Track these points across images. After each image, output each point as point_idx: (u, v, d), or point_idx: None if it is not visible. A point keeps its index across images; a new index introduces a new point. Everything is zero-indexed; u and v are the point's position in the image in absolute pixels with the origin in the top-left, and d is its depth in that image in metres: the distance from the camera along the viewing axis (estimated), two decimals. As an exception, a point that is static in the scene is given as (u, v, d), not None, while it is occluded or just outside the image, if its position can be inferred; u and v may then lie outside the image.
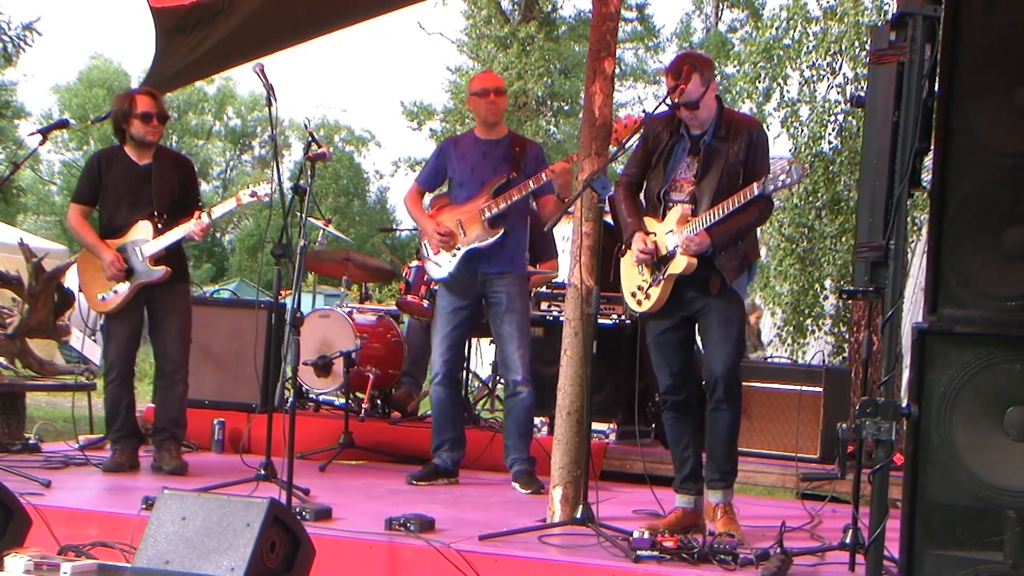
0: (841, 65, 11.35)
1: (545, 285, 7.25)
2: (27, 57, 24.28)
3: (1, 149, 27.62)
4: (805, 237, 11.46)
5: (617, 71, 15.00)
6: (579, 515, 4.24)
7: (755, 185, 4.26)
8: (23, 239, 8.69)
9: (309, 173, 4.83)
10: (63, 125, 7.16)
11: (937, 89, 3.43)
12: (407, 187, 6.37)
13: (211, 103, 43.07)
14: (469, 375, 7.17)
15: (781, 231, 11.56)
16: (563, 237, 7.12)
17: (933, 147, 3.44)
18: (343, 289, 8.29)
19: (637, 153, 4.65)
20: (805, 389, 6.13)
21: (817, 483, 5.64)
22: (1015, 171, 3.30)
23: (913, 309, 9.58)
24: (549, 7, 31.17)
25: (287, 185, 4.85)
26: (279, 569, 3.39)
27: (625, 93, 34.06)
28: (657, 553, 3.88)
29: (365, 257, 7.92)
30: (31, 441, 6.16)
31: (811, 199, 11.31)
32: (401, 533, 4.14)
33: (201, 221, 5.52)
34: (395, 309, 7.70)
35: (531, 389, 5.60)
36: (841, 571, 3.97)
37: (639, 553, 3.87)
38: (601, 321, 5.70)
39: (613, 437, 6.51)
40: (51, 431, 7.22)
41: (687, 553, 3.87)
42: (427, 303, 6.82)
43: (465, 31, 30.99)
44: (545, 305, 7.03)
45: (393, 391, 7.31)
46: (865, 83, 9.20)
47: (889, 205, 3.66)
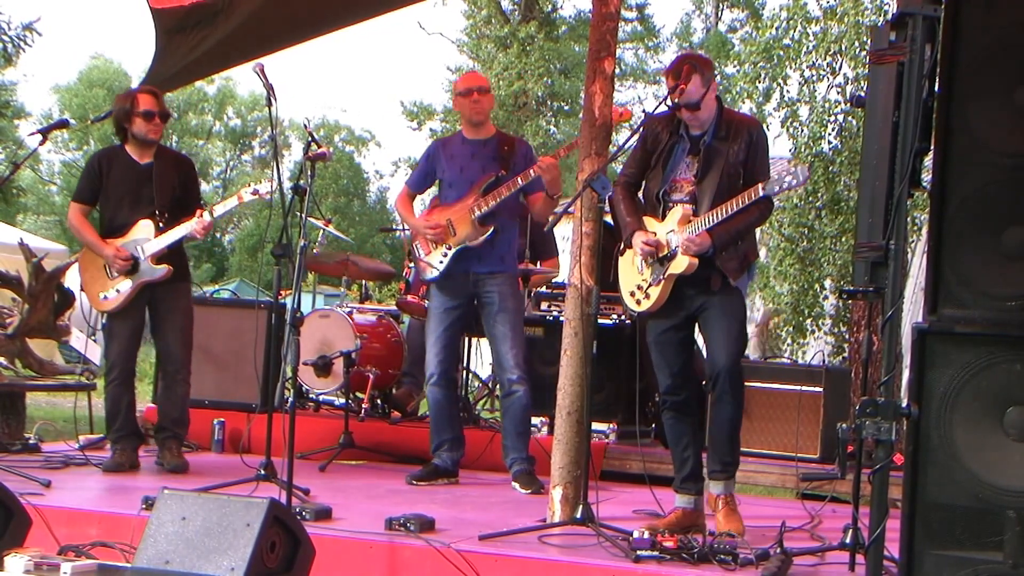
0: (841, 65, 11.34)
1: (545, 285, 7.26)
2: (27, 57, 24.32)
3: (1, 149, 27.61)
4: (805, 237, 11.46)
5: (617, 71, 15.00)
6: (579, 515, 4.24)
7: (759, 187, 4.26)
8: (23, 239, 8.68)
9: (309, 173, 4.83)
10: (63, 125, 7.16)
11: (937, 89, 3.43)
12: (397, 190, 6.38)
13: (211, 103, 43.07)
14: (469, 375, 7.17)
15: (781, 231, 11.56)
16: (563, 237, 7.12)
17: (933, 147, 3.43)
18: (343, 289, 8.29)
19: (636, 153, 4.65)
20: (805, 389, 6.12)
21: (817, 483, 5.63)
22: (1015, 171, 3.30)
23: (913, 309, 9.57)
24: (549, 7, 31.16)
25: (287, 185, 4.86)
26: (279, 569, 3.39)
27: (625, 93, 34.09)
28: (657, 553, 3.88)
29: (365, 259, 7.92)
30: (31, 441, 6.16)
31: (811, 199, 11.31)
32: (401, 533, 4.14)
33: (203, 219, 5.53)
34: (395, 309, 7.70)
35: (527, 388, 5.60)
36: (841, 571, 3.97)
37: (639, 553, 3.87)
38: (601, 321, 5.69)
39: (613, 437, 6.51)
40: (51, 431, 7.22)
41: (687, 553, 3.87)
42: (427, 303, 6.82)
43: (465, 31, 31.01)
44: (545, 305, 7.03)
45: (393, 391, 7.31)
46: (865, 83, 9.20)
47: (889, 205, 3.66)
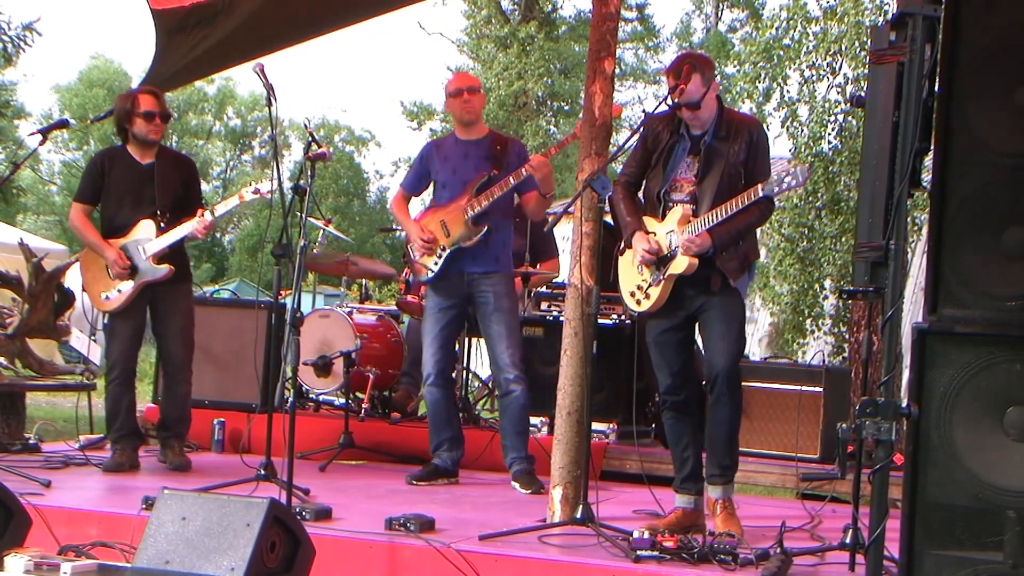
0: (841, 65, 11.36)
1: (545, 285, 7.26)
2: (27, 57, 24.32)
3: (1, 149, 27.61)
4: (805, 237, 11.47)
5: (617, 71, 15.00)
6: (579, 515, 4.23)
7: (760, 187, 4.25)
8: (23, 239, 8.68)
9: (309, 173, 4.83)
10: (63, 125, 7.16)
11: (937, 89, 3.43)
12: (393, 192, 6.39)
13: (211, 103, 43.06)
14: (469, 375, 7.17)
15: (781, 231, 11.56)
16: (563, 237, 7.12)
17: (933, 147, 3.43)
18: (343, 289, 8.29)
19: (636, 153, 4.65)
20: (805, 389, 6.12)
21: (817, 483, 5.63)
22: (1015, 171, 3.30)
23: (913, 309, 9.58)
24: (549, 7, 31.19)
25: (287, 185, 4.86)
26: (279, 569, 3.39)
27: (625, 93, 34.13)
28: (657, 553, 3.88)
29: (365, 259, 7.93)
30: (31, 441, 6.16)
31: (811, 199, 11.32)
32: (401, 533, 4.14)
33: (204, 219, 5.54)
34: (395, 309, 7.71)
35: (524, 387, 5.59)
36: (841, 571, 3.97)
37: (639, 553, 3.87)
38: (601, 321, 5.70)
39: (613, 437, 6.51)
40: (51, 431, 7.22)
41: (687, 553, 3.86)
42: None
43: (465, 31, 31.04)
44: (545, 305, 7.03)
45: (393, 391, 7.32)
46: (865, 83, 9.21)
47: (889, 205, 3.66)
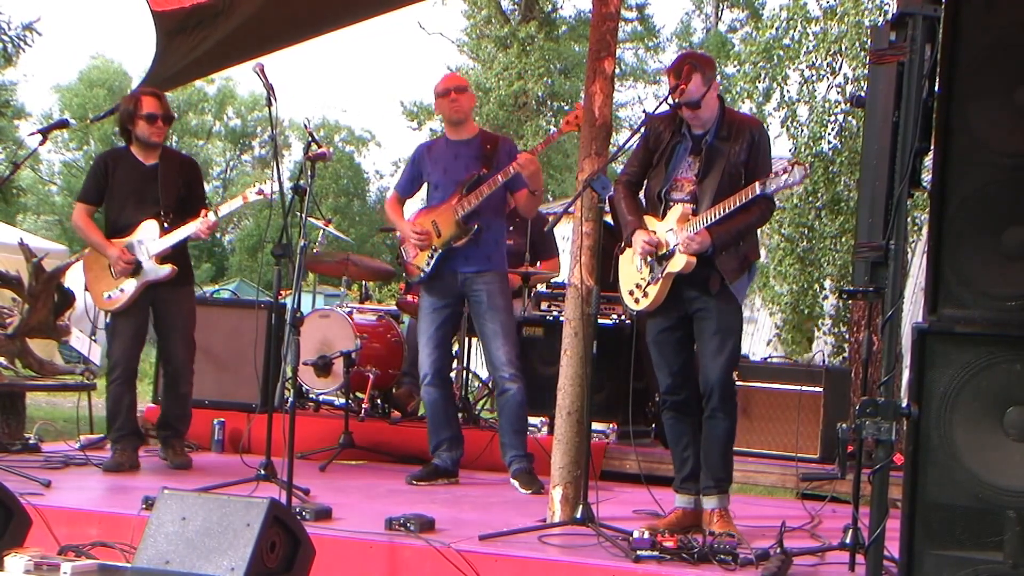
0: (841, 65, 11.36)
1: (545, 285, 7.25)
2: (27, 57, 24.30)
3: (1, 149, 27.61)
4: (805, 237, 11.47)
5: (617, 71, 15.01)
6: (579, 515, 4.24)
7: (756, 185, 4.26)
8: (23, 239, 8.68)
9: (309, 173, 4.83)
10: (63, 125, 7.17)
11: (937, 89, 3.43)
12: (387, 195, 6.41)
13: (211, 103, 43.05)
14: (469, 375, 7.17)
15: (781, 231, 11.57)
16: (563, 237, 7.12)
17: (933, 147, 3.43)
18: (343, 289, 8.29)
19: (638, 152, 4.65)
20: (805, 389, 6.12)
21: (817, 483, 5.63)
22: (1015, 171, 3.30)
23: (913, 309, 9.59)
24: (549, 7, 31.19)
25: (287, 185, 4.87)
26: (279, 569, 3.39)
27: (625, 93, 34.13)
28: (657, 553, 3.88)
29: (365, 259, 7.92)
30: (31, 441, 6.16)
31: (811, 199, 11.32)
32: (401, 533, 4.14)
33: (207, 219, 5.56)
34: (395, 309, 7.71)
35: (521, 385, 5.59)
36: (841, 571, 3.97)
37: (639, 553, 3.87)
38: (601, 321, 5.70)
39: (613, 437, 6.51)
40: (51, 431, 7.22)
41: (687, 553, 3.86)
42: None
43: (465, 31, 31.05)
44: (545, 305, 7.03)
45: (393, 391, 7.31)
46: (865, 83, 9.21)
47: (889, 205, 3.66)
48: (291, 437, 4.31)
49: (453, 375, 6.69)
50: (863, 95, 4.16)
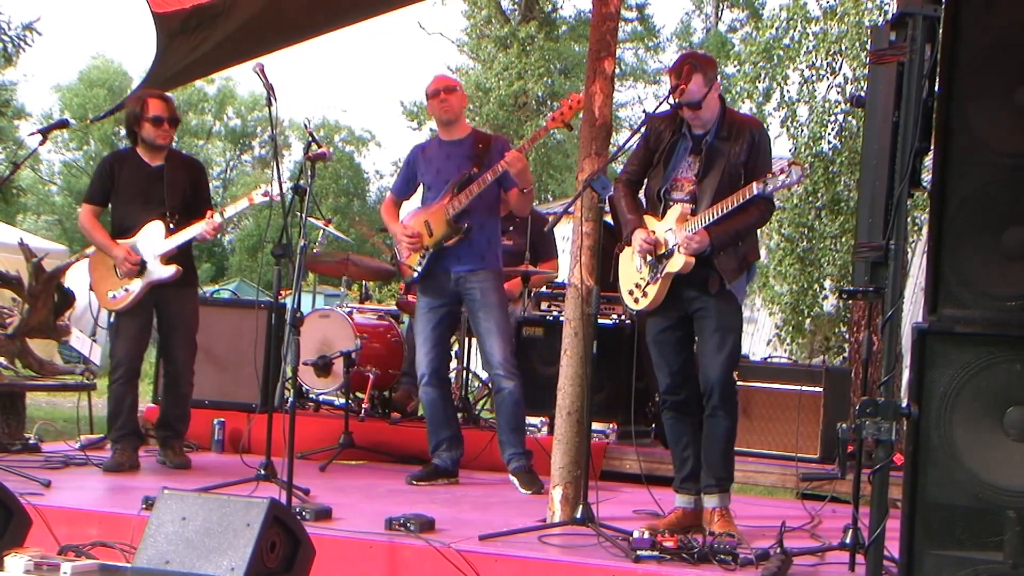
0: (841, 65, 11.36)
1: (545, 285, 7.25)
2: (27, 57, 24.29)
3: (1, 149, 27.61)
4: (805, 237, 11.47)
5: (617, 71, 15.00)
6: (579, 515, 4.24)
7: (754, 185, 4.26)
8: (23, 239, 8.68)
9: (309, 173, 4.83)
10: (63, 125, 7.17)
11: (937, 89, 3.43)
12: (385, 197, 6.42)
13: (211, 103, 43.05)
14: (469, 375, 7.17)
15: (781, 231, 11.56)
16: (563, 237, 7.12)
17: (933, 147, 3.43)
18: (343, 289, 8.29)
19: (639, 151, 4.65)
20: (805, 389, 6.12)
21: (817, 483, 5.63)
22: (1015, 171, 3.30)
23: (913, 309, 9.58)
24: (549, 7, 31.18)
25: (287, 185, 4.87)
26: (279, 569, 3.39)
27: (625, 93, 34.12)
28: (657, 553, 3.88)
29: (365, 259, 7.92)
30: (31, 441, 6.16)
31: (811, 199, 11.32)
32: (401, 533, 4.14)
33: (213, 220, 5.57)
34: (395, 309, 7.71)
35: (516, 383, 5.58)
36: (841, 571, 3.97)
37: (639, 553, 3.87)
38: (601, 321, 5.69)
39: (613, 437, 6.51)
40: (51, 431, 7.22)
41: (687, 553, 3.87)
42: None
43: (465, 31, 31.03)
44: (545, 305, 7.03)
45: (393, 391, 7.31)
46: (865, 83, 9.20)
47: (889, 205, 3.66)
48: (291, 437, 4.31)
49: (453, 375, 6.70)
50: (863, 95, 4.16)
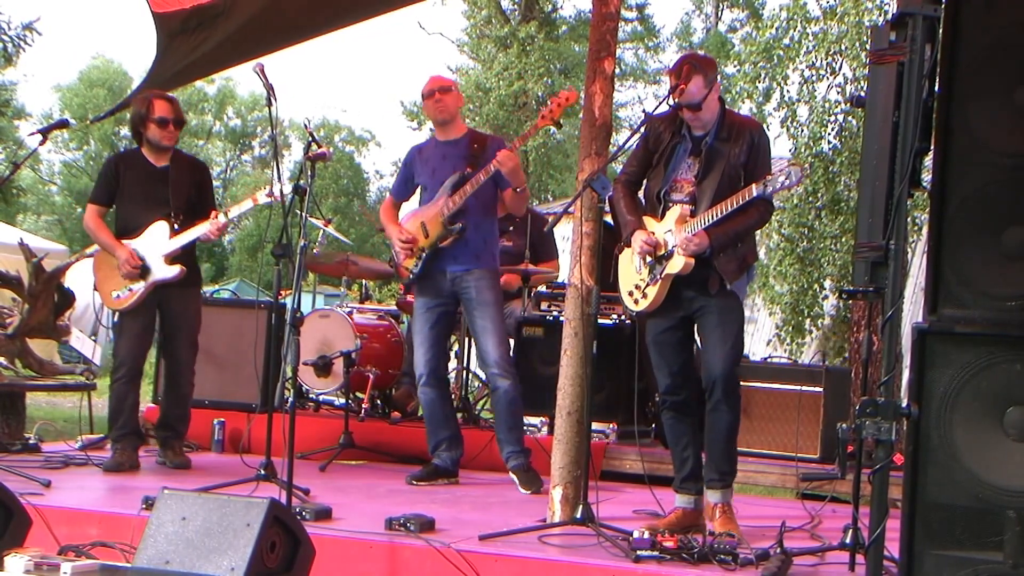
0: (841, 65, 11.35)
1: (545, 285, 7.26)
2: (27, 57, 24.29)
3: (1, 149, 27.61)
4: (805, 237, 11.46)
5: (617, 71, 15.00)
6: (579, 515, 4.24)
7: (754, 186, 4.26)
8: (23, 239, 8.68)
9: (309, 173, 4.83)
10: (63, 125, 7.17)
11: (937, 89, 3.43)
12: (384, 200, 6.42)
13: (211, 103, 43.05)
14: (469, 375, 7.17)
15: (781, 231, 11.56)
16: (563, 237, 7.12)
17: (933, 147, 3.43)
18: (343, 289, 8.30)
19: (638, 152, 4.65)
20: (805, 389, 6.12)
21: (817, 483, 5.63)
22: (1015, 171, 3.30)
23: (913, 309, 9.59)
24: (549, 7, 31.17)
25: (288, 185, 4.87)
26: (279, 569, 3.39)
27: (625, 93, 34.12)
28: (657, 553, 3.88)
29: (365, 259, 7.93)
30: (31, 441, 6.17)
31: (811, 199, 11.31)
32: (401, 533, 4.14)
33: (217, 221, 5.58)
34: (395, 309, 7.71)
35: (512, 381, 5.58)
36: (841, 571, 3.97)
37: (639, 553, 3.87)
38: (601, 321, 5.69)
39: (613, 437, 6.51)
40: (51, 431, 7.22)
41: (687, 553, 3.87)
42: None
43: (465, 31, 31.02)
44: (545, 305, 7.03)
45: (393, 391, 7.31)
46: (865, 83, 9.20)
47: (889, 205, 3.66)
48: (291, 437, 4.31)
49: (452, 375, 6.70)
50: (863, 95, 4.16)
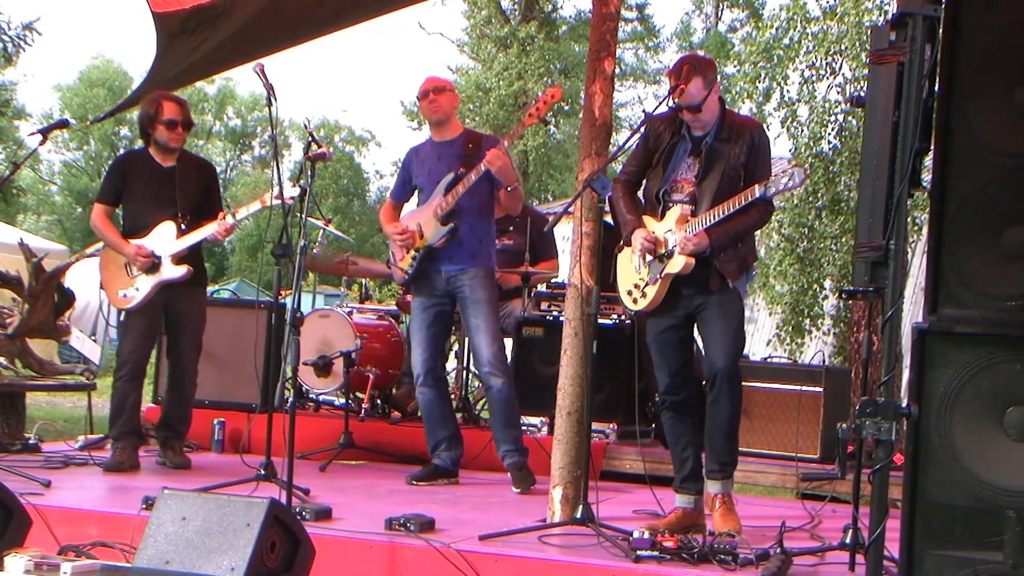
0: (841, 65, 11.35)
1: (545, 285, 7.26)
2: (27, 57, 24.30)
3: (1, 149, 27.61)
4: (805, 237, 11.46)
5: (617, 71, 15.00)
6: (579, 515, 4.24)
7: (756, 187, 4.26)
8: (23, 239, 8.68)
9: (309, 173, 4.83)
10: (63, 125, 7.18)
11: (937, 89, 3.43)
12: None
13: (211, 103, 43.03)
14: (468, 375, 7.17)
15: (781, 231, 11.56)
16: (563, 237, 7.12)
17: (933, 147, 3.44)
18: (343, 289, 8.30)
19: (638, 152, 4.65)
20: (805, 389, 6.12)
21: (817, 483, 5.63)
22: (1015, 171, 3.30)
23: (913, 309, 9.59)
24: (549, 7, 31.16)
25: (288, 185, 4.87)
26: (279, 569, 3.39)
27: (625, 93, 34.12)
28: (657, 553, 3.88)
29: (365, 259, 7.93)
30: (31, 441, 6.17)
31: (811, 199, 11.31)
32: (401, 533, 4.14)
33: (225, 222, 5.59)
34: (395, 309, 7.70)
35: (506, 380, 5.58)
36: (841, 571, 3.97)
37: (639, 553, 3.87)
38: (601, 321, 5.69)
39: (613, 437, 6.51)
40: (51, 431, 7.22)
41: (687, 553, 3.87)
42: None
43: (465, 31, 31.02)
44: (545, 305, 7.03)
45: (393, 391, 7.31)
46: (865, 83, 9.21)
47: (889, 205, 3.66)
48: (291, 437, 4.31)
49: (452, 375, 6.69)
50: (863, 95, 4.16)
